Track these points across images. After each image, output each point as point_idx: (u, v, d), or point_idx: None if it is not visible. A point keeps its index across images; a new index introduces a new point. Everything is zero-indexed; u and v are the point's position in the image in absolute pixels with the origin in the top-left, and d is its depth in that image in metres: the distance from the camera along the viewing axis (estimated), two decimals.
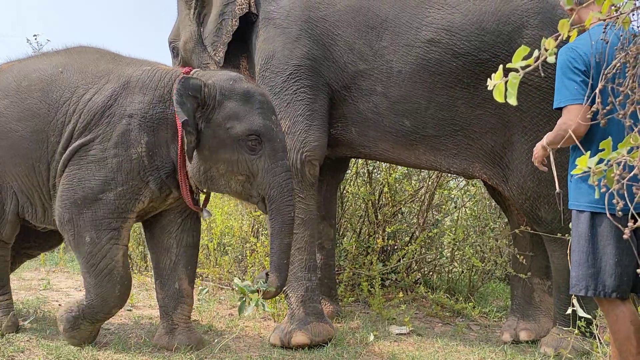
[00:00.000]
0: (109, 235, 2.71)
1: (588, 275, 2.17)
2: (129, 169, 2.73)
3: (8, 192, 2.98)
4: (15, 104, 2.89)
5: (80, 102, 2.80)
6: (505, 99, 1.18)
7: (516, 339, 3.32)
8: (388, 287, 4.31)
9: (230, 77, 2.77)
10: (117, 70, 2.89)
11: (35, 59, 3.11)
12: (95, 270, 2.73)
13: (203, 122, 2.69)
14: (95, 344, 3.02)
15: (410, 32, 3.04)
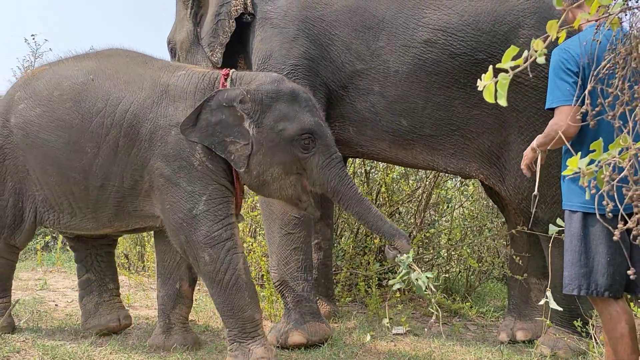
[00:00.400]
0: (225, 247, 2.65)
1: (580, 275, 2.18)
2: (199, 177, 2.67)
3: (29, 200, 2.97)
4: (47, 114, 2.86)
5: (116, 114, 2.76)
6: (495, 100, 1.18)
7: (513, 339, 3.32)
8: (385, 287, 4.31)
9: (273, 79, 2.74)
10: (150, 75, 2.84)
11: (66, 64, 3.03)
12: (222, 285, 2.65)
13: (254, 128, 2.66)
14: (92, 343, 3.03)
15: (407, 33, 3.05)
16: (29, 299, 3.86)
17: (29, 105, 2.91)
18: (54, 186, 2.88)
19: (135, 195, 2.79)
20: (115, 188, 2.79)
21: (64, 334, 3.18)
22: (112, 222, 2.90)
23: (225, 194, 2.71)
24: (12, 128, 2.94)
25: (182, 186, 2.66)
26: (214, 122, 2.64)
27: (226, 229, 2.66)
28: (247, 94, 2.66)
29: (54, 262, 5.20)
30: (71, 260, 5.30)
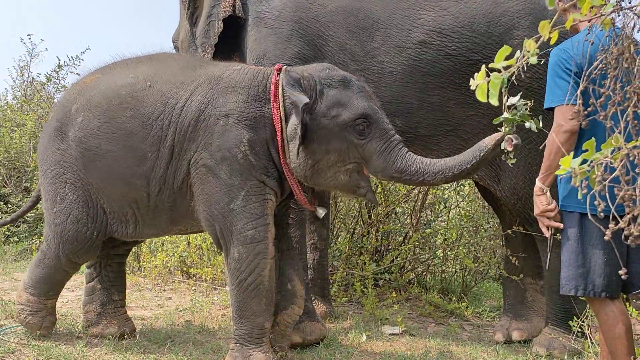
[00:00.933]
0: (256, 249, 2.62)
1: (577, 275, 2.18)
2: (240, 170, 2.65)
3: (97, 212, 2.92)
4: (107, 124, 2.82)
5: (174, 113, 2.75)
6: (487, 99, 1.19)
7: (509, 339, 3.33)
8: (381, 287, 4.32)
9: (325, 67, 2.73)
10: (204, 73, 2.83)
11: (119, 71, 2.99)
12: (243, 286, 2.64)
13: (307, 115, 2.62)
14: (87, 344, 3.02)
15: (402, 34, 3.05)
16: None
17: (88, 117, 2.87)
18: (118, 196, 2.85)
19: (183, 195, 2.77)
20: (168, 191, 2.77)
21: (59, 335, 3.17)
22: (169, 226, 2.90)
23: (263, 192, 2.68)
24: (70, 142, 2.90)
25: (222, 178, 2.65)
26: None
27: (260, 230, 2.63)
28: (302, 80, 2.64)
29: None
30: None
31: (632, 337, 2.15)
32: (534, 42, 1.12)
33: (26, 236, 5.64)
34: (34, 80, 7.60)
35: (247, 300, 2.65)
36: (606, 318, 2.16)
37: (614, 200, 1.41)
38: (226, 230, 2.65)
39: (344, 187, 2.71)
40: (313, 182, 2.73)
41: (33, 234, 5.70)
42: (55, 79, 7.39)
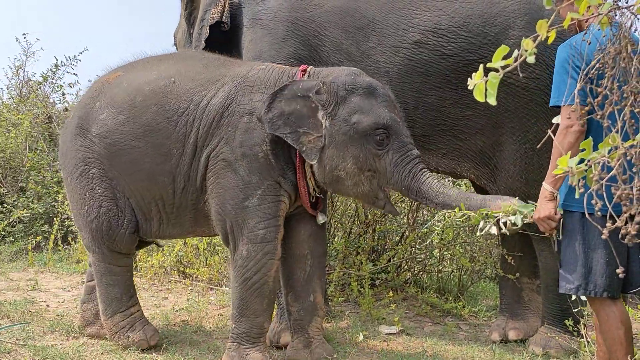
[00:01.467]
0: (265, 249, 2.63)
1: (579, 275, 2.16)
2: (259, 169, 2.66)
3: (126, 205, 2.91)
4: (132, 120, 2.82)
5: (198, 109, 2.75)
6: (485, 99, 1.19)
7: (505, 338, 3.33)
8: (378, 286, 4.32)
9: (351, 72, 2.72)
10: (229, 72, 2.83)
11: (141, 69, 2.99)
12: (247, 284, 2.64)
13: (327, 120, 2.62)
14: (83, 344, 3.02)
15: (398, 34, 3.05)
16: (20, 300, 3.83)
17: (112, 114, 2.87)
18: (143, 192, 2.85)
19: (204, 193, 2.77)
20: (191, 189, 2.77)
21: (55, 335, 3.16)
22: (193, 227, 2.89)
23: (279, 193, 2.69)
24: (93, 138, 2.90)
25: (240, 174, 2.65)
26: (288, 111, 2.62)
27: (271, 230, 2.64)
28: (323, 85, 2.64)
29: (45, 262, 5.16)
30: (63, 260, 5.28)
31: (631, 338, 2.14)
32: (531, 42, 1.12)
33: (22, 236, 5.62)
34: (29, 80, 7.56)
35: (250, 299, 2.64)
36: (606, 318, 2.14)
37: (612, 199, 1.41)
38: (237, 226, 2.65)
39: (364, 196, 2.71)
40: (333, 188, 2.74)
41: (29, 234, 5.68)
42: (52, 79, 7.37)
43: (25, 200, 5.76)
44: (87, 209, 2.93)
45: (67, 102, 7.36)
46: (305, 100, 2.64)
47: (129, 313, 2.99)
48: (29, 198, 5.81)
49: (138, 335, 2.95)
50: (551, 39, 1.20)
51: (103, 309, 3.00)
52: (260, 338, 2.69)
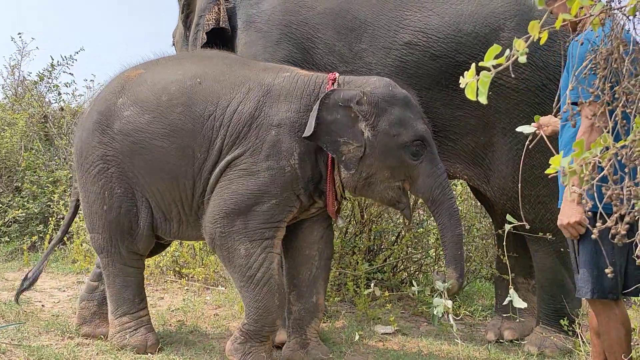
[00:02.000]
0: (263, 244, 2.63)
1: (593, 278, 2.09)
2: (283, 182, 2.65)
3: (144, 204, 2.88)
4: (157, 120, 2.79)
5: (225, 115, 2.72)
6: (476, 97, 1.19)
7: (500, 338, 3.34)
8: (375, 286, 4.31)
9: (388, 83, 2.73)
10: (255, 77, 2.81)
11: (165, 67, 2.97)
12: (253, 282, 2.64)
13: (369, 130, 2.64)
14: (78, 344, 3.01)
15: (389, 35, 3.05)
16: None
17: (137, 112, 2.83)
18: (164, 192, 2.82)
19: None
20: (208, 194, 2.75)
21: (50, 335, 3.15)
22: None
23: (292, 204, 2.70)
24: (115, 135, 2.86)
25: (259, 184, 2.64)
26: (329, 120, 2.61)
27: (270, 230, 2.65)
28: (363, 95, 2.65)
29: None
30: (58, 260, 5.27)
31: (629, 340, 2.12)
32: (523, 42, 1.13)
33: (17, 236, 5.60)
34: (25, 79, 7.54)
35: (260, 297, 2.63)
36: (607, 320, 2.11)
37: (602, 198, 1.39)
38: (237, 227, 2.64)
39: (388, 201, 2.76)
40: (360, 193, 2.77)
41: (24, 234, 5.66)
42: (48, 78, 7.35)
43: (20, 200, 5.74)
44: (107, 208, 2.89)
45: (63, 101, 7.35)
46: (346, 110, 2.64)
47: (137, 316, 2.98)
48: (24, 198, 5.79)
49: (138, 339, 2.93)
50: (543, 40, 1.21)
51: (113, 309, 2.98)
52: (270, 336, 2.70)
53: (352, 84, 2.75)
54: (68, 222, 3.39)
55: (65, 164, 6.30)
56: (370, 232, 4.36)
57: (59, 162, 6.33)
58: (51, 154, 6.46)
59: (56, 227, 5.48)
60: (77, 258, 5.08)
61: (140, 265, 3.03)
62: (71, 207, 3.36)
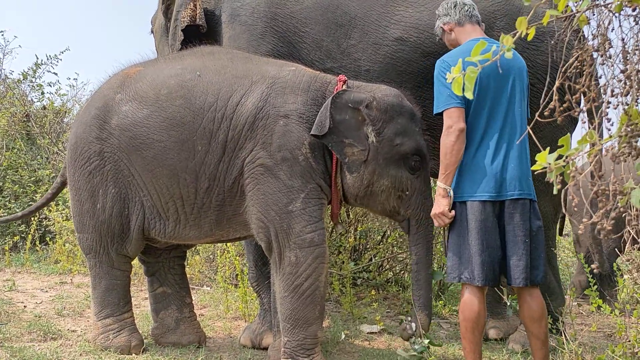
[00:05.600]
0: (315, 253, 2.56)
1: (460, 263, 2.43)
2: (301, 172, 2.60)
3: (136, 206, 2.82)
4: (156, 114, 2.73)
5: (227, 107, 2.67)
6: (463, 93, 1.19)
7: (485, 337, 3.34)
8: (360, 286, 4.32)
9: (396, 93, 2.71)
10: (258, 69, 2.76)
11: (165, 63, 2.92)
12: (298, 292, 2.56)
13: (374, 136, 2.62)
14: (61, 345, 2.98)
15: (379, 31, 3.03)
16: None
17: (135, 107, 2.78)
18: (162, 190, 2.75)
19: (233, 195, 2.69)
20: (217, 189, 2.68)
21: (33, 336, 3.11)
22: (213, 229, 2.78)
23: (321, 196, 2.65)
24: (112, 130, 2.80)
25: (281, 179, 2.58)
26: (337, 120, 2.59)
27: (319, 233, 2.58)
28: (373, 100, 2.63)
29: (23, 263, 5.09)
30: (40, 261, 5.21)
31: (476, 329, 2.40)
32: (510, 38, 1.13)
33: None
34: (6, 78, 7.46)
35: (302, 307, 2.56)
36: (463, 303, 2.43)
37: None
38: (282, 233, 2.57)
39: (388, 212, 2.74)
40: (362, 202, 2.74)
41: (6, 234, 5.59)
42: (32, 77, 7.28)
43: (2, 200, 5.67)
44: (99, 207, 2.83)
45: (48, 99, 7.28)
46: (354, 112, 2.62)
47: (121, 318, 2.94)
48: (5, 197, 5.73)
49: (122, 340, 2.89)
50: (530, 36, 1.21)
51: (96, 311, 2.94)
52: (315, 348, 2.61)
53: (363, 88, 2.74)
54: (49, 197, 3.38)
55: (48, 164, 6.24)
56: (355, 232, 4.36)
57: (41, 161, 6.26)
58: (33, 153, 6.39)
59: (38, 227, 5.42)
60: (59, 258, 5.03)
61: (128, 268, 2.99)
62: (55, 185, 3.32)
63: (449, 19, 2.65)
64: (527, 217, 2.39)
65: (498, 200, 2.38)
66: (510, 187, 2.38)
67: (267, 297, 3.15)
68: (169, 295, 3.14)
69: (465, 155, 2.42)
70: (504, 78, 2.44)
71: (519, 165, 2.41)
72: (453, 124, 2.36)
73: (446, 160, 2.38)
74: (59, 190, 3.33)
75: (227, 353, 3.02)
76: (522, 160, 2.43)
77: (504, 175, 2.38)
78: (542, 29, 2.80)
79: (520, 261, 2.37)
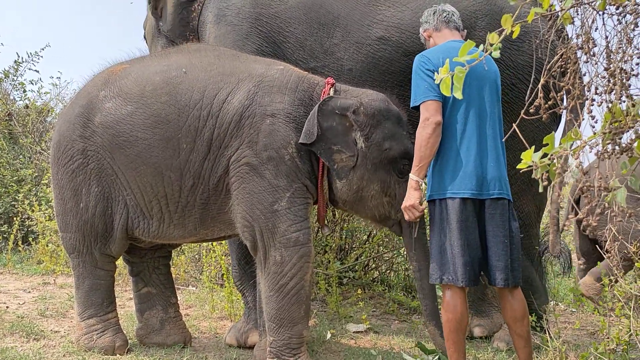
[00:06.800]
0: (300, 252, 2.55)
1: (441, 264, 2.42)
2: (287, 171, 2.58)
3: (119, 205, 2.78)
4: (140, 111, 2.70)
5: (213, 104, 2.64)
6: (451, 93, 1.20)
7: (470, 335, 3.37)
8: (345, 285, 4.33)
9: (383, 98, 2.70)
10: (245, 67, 2.74)
11: (150, 61, 2.90)
12: (283, 291, 2.55)
13: (362, 141, 2.62)
14: (44, 345, 2.94)
15: (362, 30, 3.04)
16: None
17: (119, 104, 2.74)
18: (146, 188, 2.71)
19: (218, 193, 2.67)
20: (202, 188, 2.66)
21: (15, 337, 3.07)
22: (197, 228, 2.76)
23: (307, 196, 2.64)
24: (96, 128, 2.76)
25: (267, 178, 2.57)
26: (325, 127, 2.58)
27: (304, 233, 2.57)
28: (361, 105, 2.62)
29: (5, 263, 5.03)
30: (23, 261, 5.15)
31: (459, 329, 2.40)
32: (497, 36, 1.14)
33: None
34: None
35: (288, 306, 2.56)
36: (444, 304, 2.44)
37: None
38: (267, 231, 2.57)
39: (378, 217, 2.74)
40: (351, 207, 2.75)
41: None
42: (13, 76, 7.18)
43: None
44: (83, 207, 2.80)
45: (28, 99, 7.19)
46: (342, 118, 2.62)
47: (105, 318, 2.90)
48: None
49: (106, 340, 2.86)
50: (515, 34, 1.22)
51: (80, 311, 2.91)
52: (301, 347, 2.61)
53: (350, 93, 2.73)
54: None
55: (30, 163, 6.17)
56: (341, 231, 4.36)
57: (24, 160, 6.19)
58: (16, 153, 6.32)
59: (21, 227, 5.36)
60: (42, 259, 4.97)
61: (112, 267, 2.96)
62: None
63: (428, 26, 2.70)
64: (506, 218, 2.41)
65: (479, 199, 2.40)
66: (491, 186, 2.40)
67: (251, 295, 3.14)
68: (154, 295, 3.11)
69: (445, 154, 2.43)
70: (481, 79, 2.47)
71: (497, 166, 2.43)
72: (430, 117, 2.38)
73: (421, 152, 2.39)
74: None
75: (213, 353, 3.01)
76: (500, 161, 2.45)
77: (485, 174, 2.40)
78: (524, 29, 2.83)
79: (499, 262, 2.38)
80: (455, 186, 2.38)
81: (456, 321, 2.39)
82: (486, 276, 2.47)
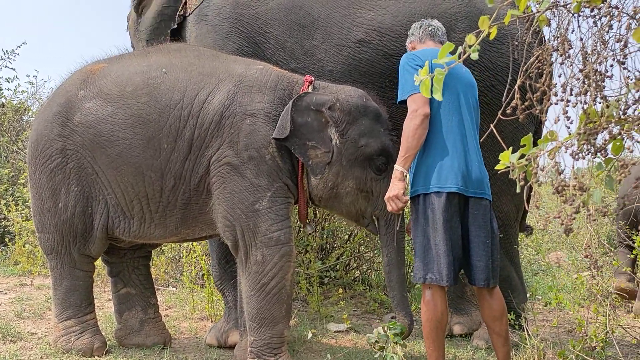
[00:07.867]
0: (281, 252, 2.55)
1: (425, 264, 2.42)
2: (268, 171, 2.58)
3: (99, 205, 2.75)
4: (121, 111, 2.67)
5: (194, 105, 2.63)
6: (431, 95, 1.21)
7: (450, 333, 3.39)
8: (326, 284, 4.33)
9: (361, 94, 2.70)
10: (225, 67, 2.73)
11: (130, 60, 2.87)
12: (264, 291, 2.54)
13: (337, 137, 2.62)
14: (22, 347, 2.90)
15: (342, 32, 3.05)
16: None
17: (99, 104, 2.72)
18: (127, 188, 2.69)
19: (199, 193, 2.66)
20: (183, 188, 2.65)
21: None
22: (178, 228, 2.74)
23: (288, 195, 2.64)
24: (75, 127, 2.73)
25: (248, 177, 2.57)
26: (299, 123, 2.58)
27: (285, 232, 2.57)
28: (336, 101, 2.62)
29: None
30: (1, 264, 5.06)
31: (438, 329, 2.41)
32: (474, 37, 1.15)
33: None
34: None
35: (268, 306, 2.56)
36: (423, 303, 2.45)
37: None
38: (248, 231, 2.56)
39: (353, 215, 2.75)
40: (326, 204, 2.75)
41: None
42: None
43: None
44: (61, 206, 2.77)
45: (4, 97, 7.07)
46: (317, 114, 2.62)
47: (83, 320, 2.88)
48: None
49: (85, 342, 2.83)
50: (492, 35, 1.23)
51: (57, 313, 2.87)
52: (282, 347, 2.61)
53: (328, 89, 2.74)
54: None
55: (7, 162, 6.07)
56: (322, 231, 4.37)
57: (0, 160, 6.09)
58: None
59: None
60: (19, 260, 4.90)
61: (90, 268, 2.93)
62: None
63: (413, 38, 2.74)
64: (488, 218, 2.44)
65: (464, 196, 2.41)
66: (475, 185, 2.42)
67: (231, 295, 3.14)
68: (133, 296, 3.09)
69: (431, 150, 2.44)
70: (461, 80, 2.51)
71: (480, 166, 2.46)
72: (418, 108, 2.39)
73: (407, 143, 2.40)
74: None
75: (193, 354, 2.99)
76: (480, 162, 2.48)
77: (470, 172, 2.42)
78: (503, 31, 2.86)
79: (480, 262, 2.41)
80: (442, 180, 2.39)
81: (436, 320, 2.40)
82: (466, 275, 2.49)
